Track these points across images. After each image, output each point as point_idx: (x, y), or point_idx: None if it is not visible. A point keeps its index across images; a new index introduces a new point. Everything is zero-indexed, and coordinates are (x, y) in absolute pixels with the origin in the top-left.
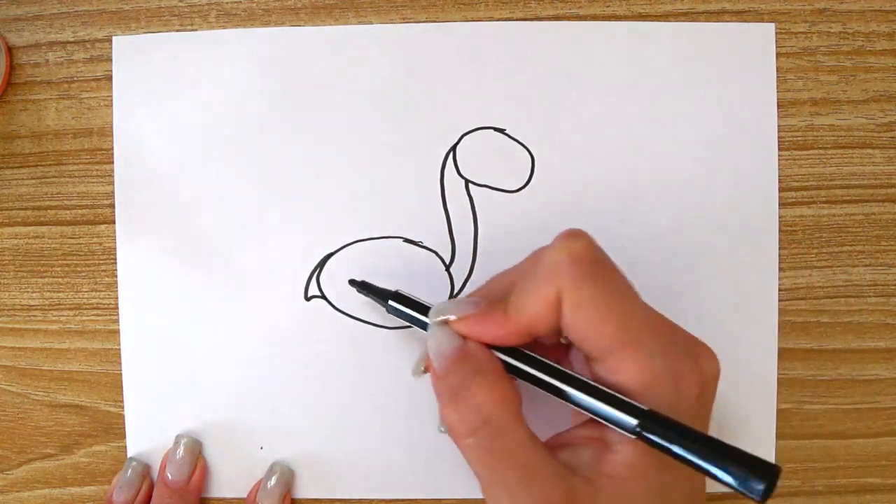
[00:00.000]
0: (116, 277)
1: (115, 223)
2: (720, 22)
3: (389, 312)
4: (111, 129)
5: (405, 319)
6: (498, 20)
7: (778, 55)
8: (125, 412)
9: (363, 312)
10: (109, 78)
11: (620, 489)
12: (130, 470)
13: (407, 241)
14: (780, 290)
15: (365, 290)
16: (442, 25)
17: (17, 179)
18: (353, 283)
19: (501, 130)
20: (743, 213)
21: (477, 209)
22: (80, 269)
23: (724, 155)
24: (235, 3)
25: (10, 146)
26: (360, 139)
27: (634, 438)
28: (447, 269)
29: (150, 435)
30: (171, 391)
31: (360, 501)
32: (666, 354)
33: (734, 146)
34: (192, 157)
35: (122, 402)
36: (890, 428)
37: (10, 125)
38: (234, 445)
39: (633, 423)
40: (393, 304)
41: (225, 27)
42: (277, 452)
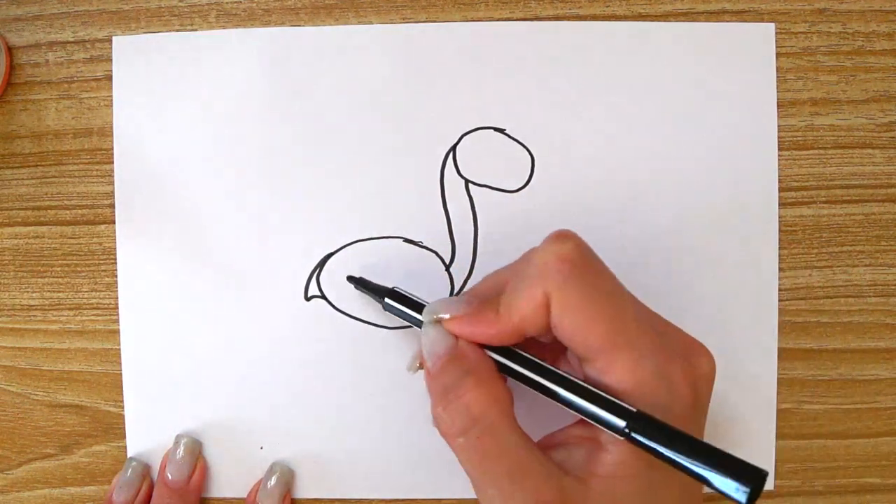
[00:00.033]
0: (116, 277)
1: (115, 223)
2: (720, 22)
3: (385, 309)
4: (111, 129)
5: (401, 317)
6: (498, 20)
7: (778, 55)
8: (125, 412)
9: (363, 312)
10: (109, 78)
11: (612, 489)
12: (130, 470)
13: (407, 241)
14: (780, 290)
15: (362, 286)
16: (442, 25)
17: (17, 179)
18: (350, 279)
19: (501, 130)
20: (743, 213)
21: (477, 209)
22: (80, 269)
23: (724, 155)
24: (235, 3)
25: (10, 146)
26: (360, 139)
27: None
28: (447, 269)
29: (150, 435)
30: (171, 391)
31: (360, 501)
32: (657, 355)
33: (734, 146)
34: (192, 157)
35: (122, 402)
36: (890, 428)
37: (10, 125)
38: (234, 445)
39: (621, 424)
40: (389, 301)
41: (225, 27)
42: (277, 452)
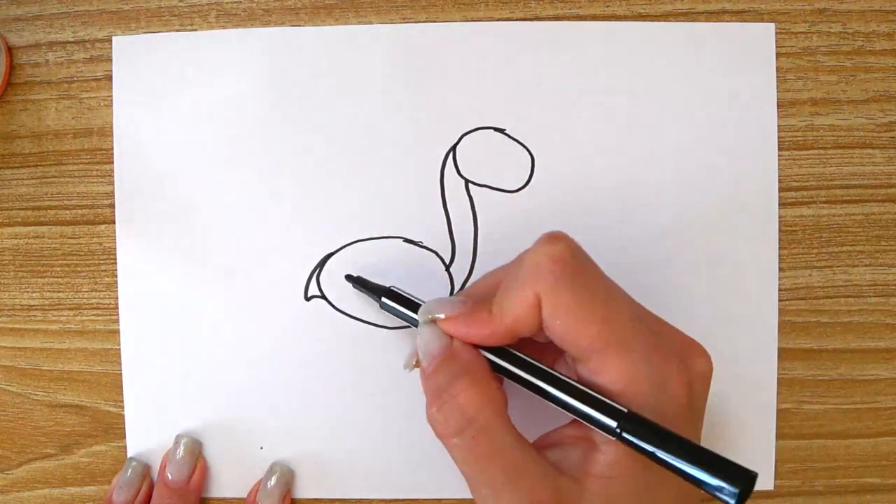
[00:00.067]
0: (116, 277)
1: (115, 223)
2: (720, 22)
3: (383, 308)
4: (111, 129)
5: (397, 316)
6: (498, 20)
7: (778, 55)
8: (125, 412)
9: (363, 312)
10: (109, 78)
11: (607, 489)
12: (130, 470)
13: (407, 241)
14: (780, 290)
15: (360, 285)
16: (442, 25)
17: (17, 179)
18: (349, 278)
19: (501, 130)
20: (743, 213)
21: (477, 209)
22: (80, 269)
23: (724, 155)
24: (235, 3)
25: (10, 146)
26: (359, 139)
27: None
28: (447, 269)
29: (150, 435)
30: (171, 391)
31: (360, 501)
32: (651, 355)
33: (734, 146)
34: (191, 157)
35: (122, 402)
36: (890, 428)
37: (10, 125)
38: (234, 445)
39: (612, 424)
40: (385, 300)
41: (225, 27)
42: (277, 452)
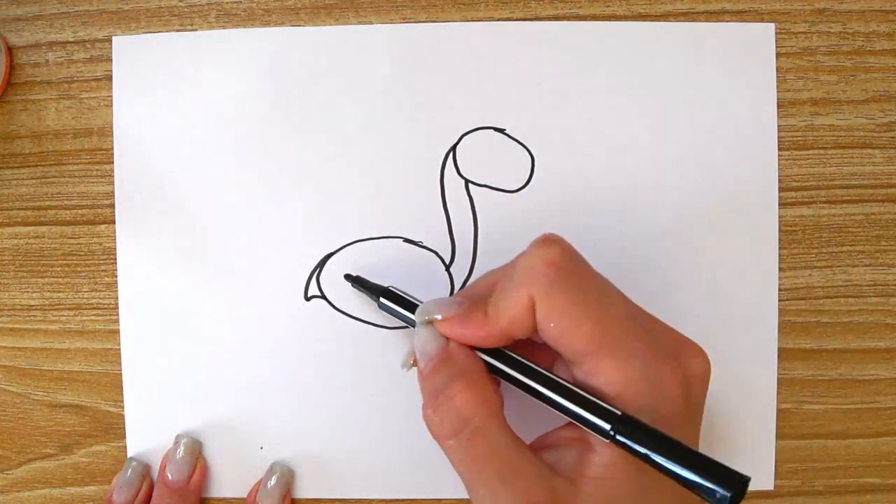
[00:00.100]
0: (116, 277)
1: (115, 223)
2: (720, 22)
3: (381, 308)
4: (111, 129)
5: (395, 316)
6: (498, 20)
7: (778, 55)
8: (125, 412)
9: (363, 312)
10: (109, 78)
11: (602, 490)
12: (130, 470)
13: (407, 241)
14: (780, 290)
15: (359, 285)
16: (442, 25)
17: (17, 179)
18: (348, 277)
19: (501, 130)
20: (743, 213)
21: (477, 209)
22: (80, 269)
23: (724, 155)
24: (235, 3)
25: (10, 146)
26: (359, 139)
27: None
28: (447, 269)
29: (150, 435)
30: (171, 391)
31: (360, 501)
32: (645, 356)
33: (734, 146)
34: (192, 157)
35: (122, 402)
36: (890, 428)
37: (10, 125)
38: (234, 445)
39: (606, 426)
40: (383, 300)
41: (225, 27)
42: (277, 452)
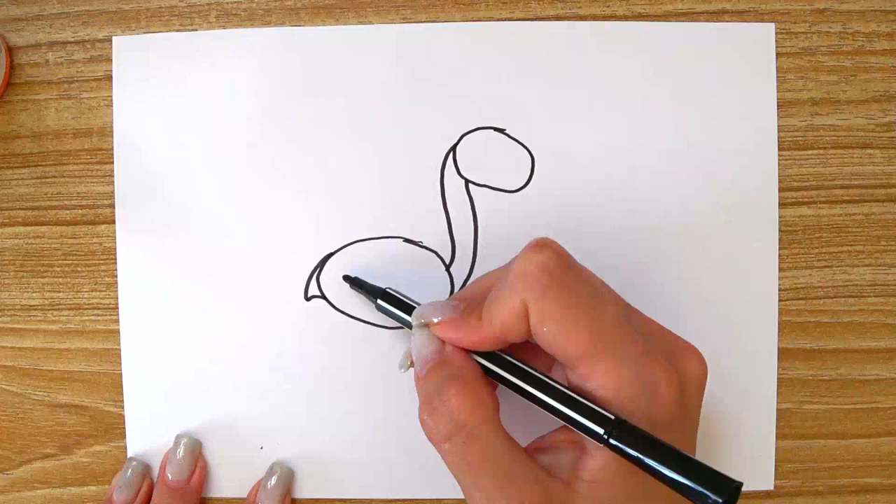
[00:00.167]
0: (116, 277)
1: (115, 223)
2: (720, 22)
3: (378, 310)
4: (111, 129)
5: (393, 318)
6: (498, 20)
7: (778, 55)
8: (125, 412)
9: (363, 312)
10: (109, 78)
11: (597, 493)
12: (130, 470)
13: (407, 241)
14: (780, 290)
15: (357, 286)
16: (442, 25)
17: (17, 179)
18: (346, 278)
19: (501, 130)
20: (743, 213)
21: (477, 209)
22: (80, 269)
23: (724, 155)
24: (235, 3)
25: (10, 146)
26: (360, 139)
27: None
28: (447, 269)
29: (150, 435)
30: (171, 391)
31: (360, 501)
32: (640, 359)
33: (734, 146)
34: (192, 157)
35: (122, 402)
36: (890, 428)
37: (10, 125)
38: (234, 445)
39: (599, 430)
40: (381, 302)
41: (225, 27)
42: (277, 452)
